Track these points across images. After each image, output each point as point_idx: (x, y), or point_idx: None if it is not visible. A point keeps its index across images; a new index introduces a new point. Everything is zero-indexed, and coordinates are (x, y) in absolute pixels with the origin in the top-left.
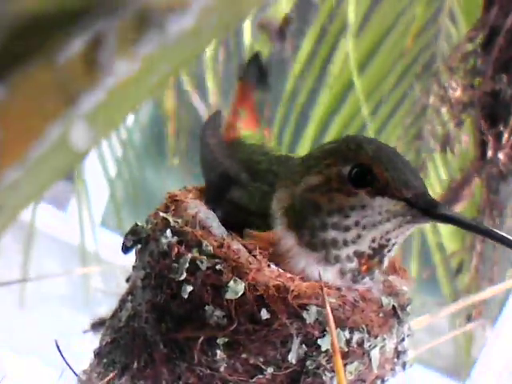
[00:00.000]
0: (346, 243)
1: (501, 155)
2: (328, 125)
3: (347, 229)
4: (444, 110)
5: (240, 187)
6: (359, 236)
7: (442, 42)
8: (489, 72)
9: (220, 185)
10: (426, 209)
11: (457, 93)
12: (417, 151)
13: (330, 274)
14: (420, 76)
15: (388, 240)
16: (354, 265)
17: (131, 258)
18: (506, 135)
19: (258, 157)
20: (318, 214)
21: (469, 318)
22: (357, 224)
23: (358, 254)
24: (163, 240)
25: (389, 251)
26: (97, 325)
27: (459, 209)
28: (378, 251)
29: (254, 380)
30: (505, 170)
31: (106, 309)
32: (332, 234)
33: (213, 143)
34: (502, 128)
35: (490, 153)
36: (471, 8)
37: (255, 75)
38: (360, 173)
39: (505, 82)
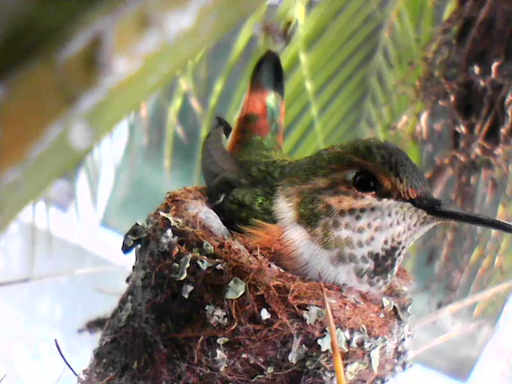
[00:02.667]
0: (360, 244)
1: (473, 146)
2: None
3: (361, 230)
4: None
5: (241, 189)
6: (373, 238)
7: (384, 33)
8: (462, 63)
9: (221, 190)
10: (429, 207)
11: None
12: (357, 134)
13: (343, 274)
14: (361, 65)
15: (399, 243)
16: (369, 265)
17: (131, 257)
18: (478, 126)
19: (260, 159)
20: (330, 214)
21: (439, 306)
22: (369, 226)
23: (373, 256)
24: (164, 240)
25: (399, 254)
26: (92, 324)
27: None
28: (390, 253)
29: (254, 380)
30: (477, 161)
31: (105, 309)
32: (346, 233)
33: (216, 154)
34: (474, 119)
35: (462, 143)
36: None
37: (269, 76)
38: (364, 179)
39: (477, 73)
